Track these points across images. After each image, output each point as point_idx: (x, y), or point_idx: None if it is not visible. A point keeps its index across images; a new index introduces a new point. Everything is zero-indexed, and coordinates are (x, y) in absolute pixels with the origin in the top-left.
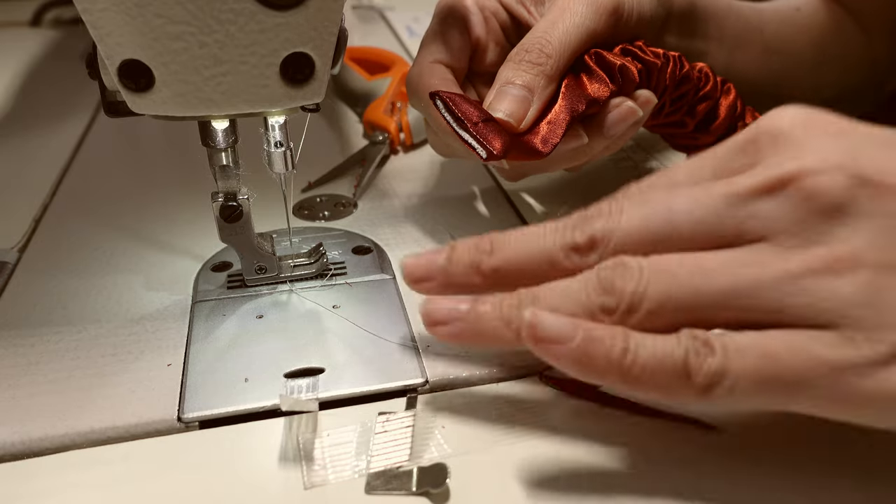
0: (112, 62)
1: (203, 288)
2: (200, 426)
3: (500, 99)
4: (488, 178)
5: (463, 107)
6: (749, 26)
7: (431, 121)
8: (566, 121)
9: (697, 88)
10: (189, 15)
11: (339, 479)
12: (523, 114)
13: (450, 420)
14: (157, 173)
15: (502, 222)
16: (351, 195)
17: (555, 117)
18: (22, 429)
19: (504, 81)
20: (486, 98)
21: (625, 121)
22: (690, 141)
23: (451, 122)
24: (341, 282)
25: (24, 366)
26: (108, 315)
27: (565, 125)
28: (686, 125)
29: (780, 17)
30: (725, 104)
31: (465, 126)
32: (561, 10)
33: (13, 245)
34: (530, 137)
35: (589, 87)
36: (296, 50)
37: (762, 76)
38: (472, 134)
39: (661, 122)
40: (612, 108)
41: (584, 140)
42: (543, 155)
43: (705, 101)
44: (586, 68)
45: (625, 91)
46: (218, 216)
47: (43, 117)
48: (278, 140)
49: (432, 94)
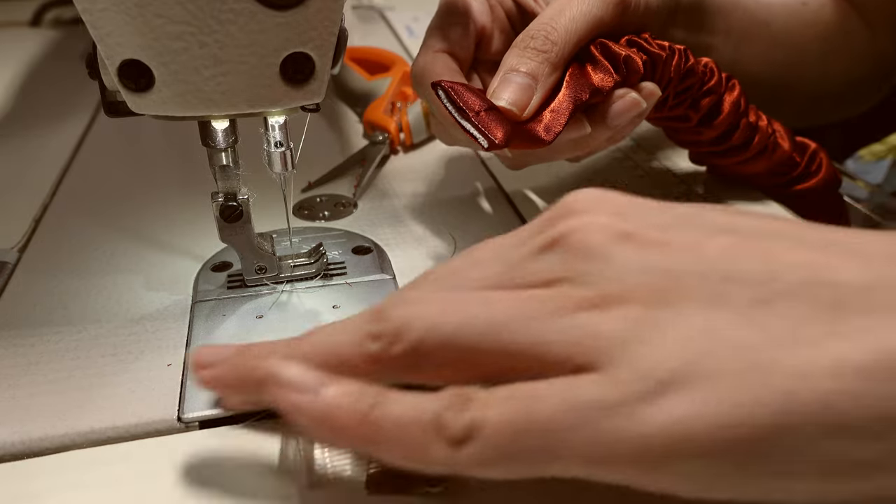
0: (112, 62)
1: (203, 288)
2: (200, 426)
3: (503, 86)
4: (488, 178)
5: (465, 96)
6: (756, 20)
7: (435, 110)
8: (569, 109)
9: (702, 83)
10: (189, 15)
11: (339, 479)
12: (526, 102)
13: None
14: (157, 173)
15: (502, 222)
16: (351, 195)
17: (558, 106)
18: (22, 429)
19: (508, 68)
20: (490, 85)
21: (628, 112)
22: (693, 136)
23: (452, 111)
24: (341, 282)
25: (24, 366)
26: (108, 315)
27: (568, 114)
28: (689, 119)
29: (788, 11)
30: (729, 100)
31: (466, 116)
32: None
33: (13, 245)
34: (533, 125)
35: (593, 77)
36: (296, 50)
37: (768, 70)
38: (473, 123)
39: (665, 116)
40: (615, 99)
41: (586, 130)
42: (545, 143)
43: (709, 96)
44: (591, 58)
45: (629, 82)
46: (218, 216)
47: (43, 117)
48: (278, 140)
49: (434, 83)
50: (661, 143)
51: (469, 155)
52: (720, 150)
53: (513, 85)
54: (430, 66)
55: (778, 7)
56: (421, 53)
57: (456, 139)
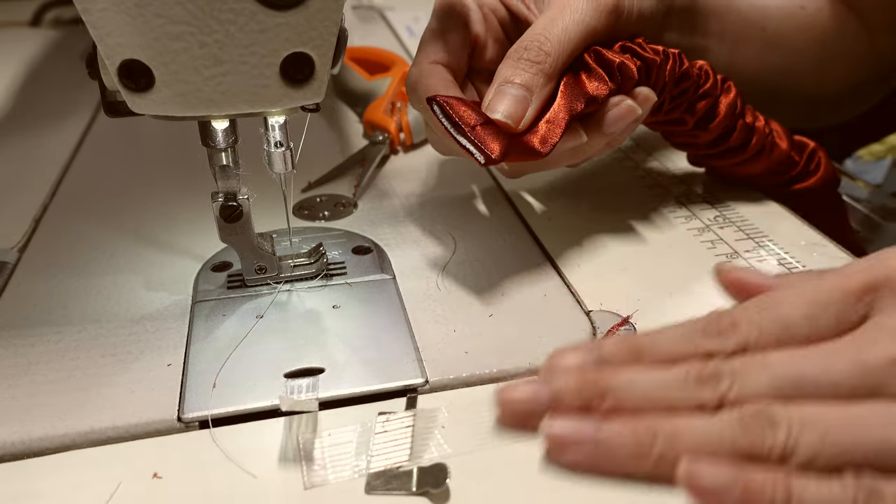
0: (112, 62)
1: (203, 288)
2: (200, 426)
3: (498, 99)
4: (488, 178)
5: (460, 110)
6: (749, 22)
7: (430, 122)
8: (565, 120)
9: (697, 86)
10: (189, 15)
11: (339, 479)
12: (522, 114)
13: (450, 420)
14: (157, 173)
15: (502, 222)
16: (351, 195)
17: (553, 116)
18: (22, 429)
19: (503, 80)
20: (485, 97)
21: (623, 119)
22: (690, 139)
23: (448, 127)
24: (341, 282)
25: (24, 366)
26: (108, 315)
27: (564, 124)
28: (685, 123)
29: (784, 14)
30: (725, 102)
31: (462, 131)
32: (561, 8)
33: (13, 245)
34: (529, 137)
35: (588, 86)
36: (296, 50)
37: (764, 72)
38: (469, 139)
39: (661, 120)
40: (611, 107)
41: (583, 139)
42: (542, 155)
43: (705, 99)
44: (585, 66)
45: (624, 88)
46: (218, 216)
47: (43, 117)
48: (278, 140)
49: (429, 99)
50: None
51: None
52: (718, 152)
53: (508, 97)
54: (424, 79)
55: (773, 10)
56: (415, 63)
57: (452, 150)
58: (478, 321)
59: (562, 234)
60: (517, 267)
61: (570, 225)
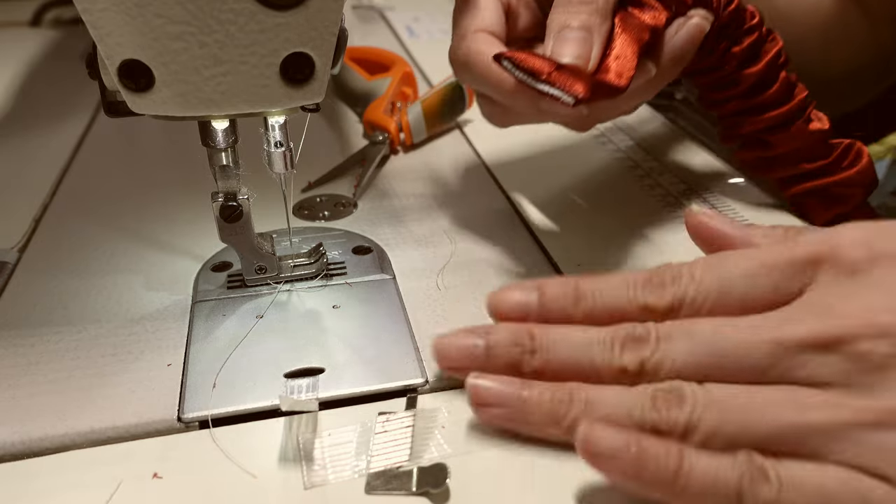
0: (112, 62)
1: (203, 288)
2: (200, 426)
3: (560, 44)
4: (489, 178)
5: (530, 61)
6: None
7: (491, 88)
8: (635, 52)
9: (743, 20)
10: (189, 15)
11: (339, 479)
12: (588, 54)
13: (450, 420)
14: (157, 173)
15: (501, 221)
16: (351, 195)
17: (621, 51)
18: (22, 429)
19: (560, 27)
20: (544, 47)
21: (693, 39)
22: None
23: (525, 79)
24: (341, 282)
25: (24, 366)
26: (108, 315)
27: (635, 57)
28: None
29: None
30: (770, 49)
31: (540, 80)
32: None
33: (13, 245)
34: (602, 76)
35: (644, 17)
36: (296, 50)
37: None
38: (551, 84)
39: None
40: (673, 33)
41: (652, 72)
42: (622, 89)
43: (750, 35)
44: (635, 1)
45: (679, 15)
46: (218, 216)
47: (43, 117)
48: (278, 140)
49: (496, 56)
50: (661, 143)
51: (469, 155)
52: (753, 106)
53: (570, 41)
54: (475, 47)
55: None
56: (458, 36)
57: (517, 115)
58: (478, 321)
59: (562, 234)
60: (517, 267)
61: (570, 225)
